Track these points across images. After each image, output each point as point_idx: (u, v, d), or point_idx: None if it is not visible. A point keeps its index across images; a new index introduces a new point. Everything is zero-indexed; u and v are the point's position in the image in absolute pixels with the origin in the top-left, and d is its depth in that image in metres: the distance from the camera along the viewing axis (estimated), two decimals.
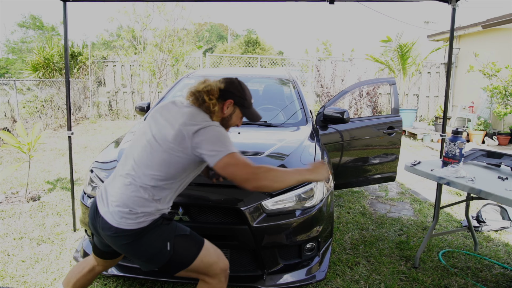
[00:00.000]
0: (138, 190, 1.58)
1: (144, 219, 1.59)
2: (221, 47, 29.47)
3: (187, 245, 1.68)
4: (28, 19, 22.21)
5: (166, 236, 1.64)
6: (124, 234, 1.58)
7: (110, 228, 1.59)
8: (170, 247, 1.63)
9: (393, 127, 3.77)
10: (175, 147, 1.57)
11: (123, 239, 1.60)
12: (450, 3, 3.14)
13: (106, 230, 1.61)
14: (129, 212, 1.57)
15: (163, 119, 1.67)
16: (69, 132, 3.25)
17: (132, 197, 1.58)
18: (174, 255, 1.64)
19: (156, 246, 1.62)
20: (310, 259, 2.32)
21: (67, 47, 3.16)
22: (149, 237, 1.61)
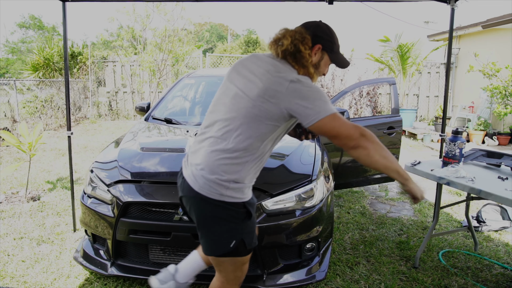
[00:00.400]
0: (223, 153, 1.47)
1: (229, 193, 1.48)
2: (221, 47, 29.48)
3: (243, 245, 1.56)
4: (28, 20, 22.21)
5: (236, 234, 1.53)
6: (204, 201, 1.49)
7: (190, 190, 1.51)
8: (233, 246, 1.52)
9: (393, 127, 3.77)
10: (263, 102, 1.43)
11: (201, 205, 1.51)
12: (449, 3, 3.14)
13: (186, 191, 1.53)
14: (214, 180, 1.46)
15: (248, 71, 1.52)
16: (68, 132, 3.25)
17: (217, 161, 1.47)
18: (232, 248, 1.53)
19: (222, 237, 1.52)
20: (310, 259, 2.33)
21: (66, 47, 3.16)
22: (222, 223, 1.51)
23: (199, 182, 1.49)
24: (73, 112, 10.45)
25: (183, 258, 2.23)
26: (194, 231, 2.12)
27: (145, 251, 2.28)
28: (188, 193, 1.52)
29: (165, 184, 2.27)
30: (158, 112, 3.55)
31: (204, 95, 4.07)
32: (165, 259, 2.27)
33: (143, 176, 2.33)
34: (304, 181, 2.28)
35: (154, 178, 2.32)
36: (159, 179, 2.31)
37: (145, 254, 2.28)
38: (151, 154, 2.52)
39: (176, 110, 3.77)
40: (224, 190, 1.48)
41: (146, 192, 2.25)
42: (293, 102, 1.40)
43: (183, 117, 3.58)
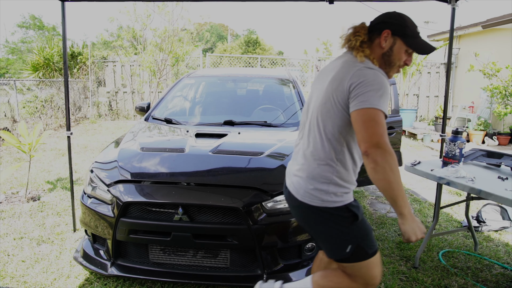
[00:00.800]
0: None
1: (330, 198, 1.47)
2: (221, 47, 29.48)
3: (362, 250, 1.51)
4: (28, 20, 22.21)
5: (349, 238, 1.49)
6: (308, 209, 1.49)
7: (294, 200, 1.52)
8: (350, 251, 1.48)
9: (393, 127, 3.77)
10: (338, 102, 1.43)
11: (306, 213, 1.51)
12: (450, 3, 3.14)
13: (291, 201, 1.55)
14: (314, 188, 1.47)
15: (330, 73, 1.53)
16: (68, 132, 3.25)
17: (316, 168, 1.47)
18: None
19: (335, 243, 1.50)
20: (310, 259, 2.32)
21: (65, 47, 3.16)
22: (331, 229, 1.49)
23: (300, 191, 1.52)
24: (73, 112, 10.45)
25: (183, 258, 2.24)
26: (194, 231, 2.13)
27: (145, 251, 2.28)
28: (292, 202, 1.55)
29: (165, 184, 2.27)
30: (158, 112, 3.55)
31: (204, 95, 4.08)
32: (165, 259, 2.27)
33: (143, 176, 2.33)
34: None
35: (154, 178, 2.32)
36: (159, 179, 2.31)
37: (145, 254, 2.28)
38: (151, 154, 2.52)
39: (176, 110, 3.77)
40: (325, 195, 1.47)
41: (146, 192, 2.25)
42: (351, 90, 1.41)
43: (183, 117, 3.58)
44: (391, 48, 1.50)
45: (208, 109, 3.76)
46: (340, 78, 1.44)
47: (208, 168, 2.36)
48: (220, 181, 2.27)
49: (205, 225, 2.13)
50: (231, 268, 2.23)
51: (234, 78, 4.17)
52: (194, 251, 2.23)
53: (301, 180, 1.51)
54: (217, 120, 3.25)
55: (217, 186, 2.24)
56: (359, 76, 1.39)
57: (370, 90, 1.36)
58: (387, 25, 1.49)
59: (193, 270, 2.23)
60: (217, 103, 3.89)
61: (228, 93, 4.07)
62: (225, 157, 2.46)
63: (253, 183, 2.23)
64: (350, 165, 1.51)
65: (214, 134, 2.85)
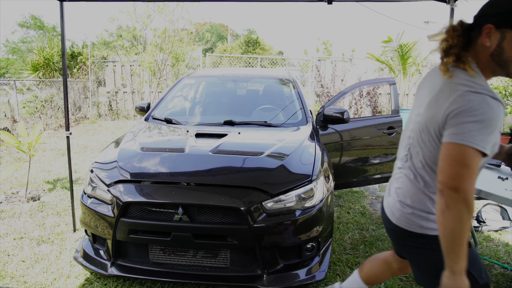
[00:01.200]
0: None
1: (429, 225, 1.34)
2: (221, 47, 29.47)
3: (472, 278, 1.30)
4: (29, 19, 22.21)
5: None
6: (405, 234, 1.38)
7: (389, 222, 1.44)
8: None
9: (393, 127, 3.77)
10: (435, 134, 1.25)
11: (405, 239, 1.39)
12: (449, 3, 3.14)
13: (385, 223, 1.46)
14: (412, 213, 1.35)
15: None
16: (67, 132, 3.25)
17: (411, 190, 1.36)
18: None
19: (434, 272, 1.32)
20: (310, 259, 2.32)
21: (64, 47, 3.16)
22: (432, 255, 1.34)
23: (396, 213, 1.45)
24: (73, 112, 10.45)
25: (183, 258, 2.24)
26: (194, 231, 2.13)
27: (145, 251, 2.28)
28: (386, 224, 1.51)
29: (165, 184, 2.27)
30: (158, 112, 3.55)
31: (204, 95, 4.08)
32: (165, 259, 2.27)
33: (143, 176, 2.33)
34: (304, 181, 2.28)
35: (154, 178, 2.32)
36: (159, 179, 2.31)
37: (145, 254, 2.28)
38: (151, 154, 2.52)
39: (176, 110, 3.77)
40: (424, 222, 1.35)
41: (146, 192, 2.25)
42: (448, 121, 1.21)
43: (183, 117, 3.58)
44: (499, 45, 1.19)
45: (208, 109, 3.77)
46: (438, 106, 1.22)
47: (208, 168, 2.36)
48: (220, 181, 2.27)
49: (205, 225, 2.13)
50: (231, 268, 2.23)
51: (234, 78, 4.17)
52: (194, 251, 2.24)
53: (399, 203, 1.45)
54: (217, 120, 3.25)
55: (217, 186, 2.25)
56: (460, 102, 1.14)
57: (470, 121, 1.12)
58: (486, 18, 1.21)
59: (193, 270, 2.23)
60: (217, 103, 3.89)
61: (228, 93, 4.08)
62: (225, 157, 2.46)
63: (253, 183, 2.23)
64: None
65: (214, 134, 2.85)
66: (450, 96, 1.17)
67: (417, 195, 1.35)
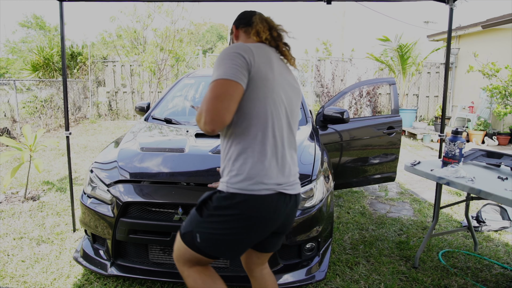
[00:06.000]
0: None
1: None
2: (221, 47, 29.47)
3: None
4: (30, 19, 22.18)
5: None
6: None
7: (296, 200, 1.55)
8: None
9: (393, 127, 3.77)
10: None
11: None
12: (448, 3, 3.14)
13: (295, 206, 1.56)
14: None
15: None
16: (67, 133, 3.25)
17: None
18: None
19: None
20: (310, 259, 2.32)
21: (63, 47, 3.17)
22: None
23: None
24: (73, 112, 10.45)
25: None
26: None
27: (145, 251, 2.28)
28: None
29: (165, 184, 2.27)
30: (158, 112, 3.55)
31: (204, 95, 4.07)
32: (165, 259, 2.27)
33: (143, 176, 2.33)
34: (303, 181, 2.28)
35: (154, 178, 2.32)
36: (159, 179, 2.31)
37: (145, 254, 2.28)
38: (151, 154, 2.52)
39: (176, 110, 3.77)
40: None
41: (146, 192, 2.25)
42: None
43: (183, 117, 3.58)
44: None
45: None
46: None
47: (208, 168, 2.36)
48: None
49: None
50: (231, 268, 2.23)
51: None
52: None
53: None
54: None
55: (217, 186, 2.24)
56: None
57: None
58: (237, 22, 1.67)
59: None
60: None
61: None
62: None
63: None
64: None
65: None
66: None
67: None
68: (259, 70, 1.39)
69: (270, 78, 1.43)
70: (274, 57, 1.52)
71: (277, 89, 1.45)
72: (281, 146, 1.46)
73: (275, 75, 1.45)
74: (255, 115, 1.40)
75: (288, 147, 1.51)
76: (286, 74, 1.55)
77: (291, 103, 1.53)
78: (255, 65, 1.38)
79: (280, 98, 1.47)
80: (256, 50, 1.43)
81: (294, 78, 1.60)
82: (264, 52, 1.47)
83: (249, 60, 1.37)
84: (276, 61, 1.51)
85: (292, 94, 1.54)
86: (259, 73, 1.39)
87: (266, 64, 1.43)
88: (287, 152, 1.50)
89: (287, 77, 1.55)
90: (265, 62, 1.43)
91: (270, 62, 1.45)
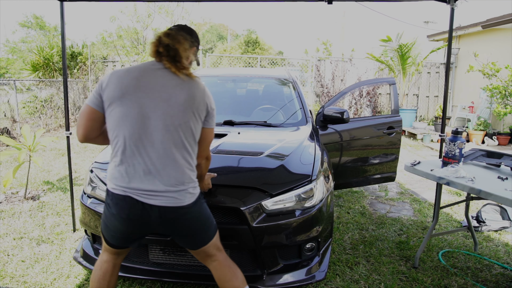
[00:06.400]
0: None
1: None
2: (221, 47, 29.45)
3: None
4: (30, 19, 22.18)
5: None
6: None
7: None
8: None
9: (393, 127, 3.77)
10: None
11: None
12: (449, 3, 3.14)
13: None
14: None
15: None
16: (67, 133, 3.26)
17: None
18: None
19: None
20: (310, 259, 2.32)
21: (64, 47, 3.17)
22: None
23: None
24: (73, 112, 10.45)
25: (183, 258, 2.24)
26: None
27: (144, 251, 2.28)
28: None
29: None
30: None
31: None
32: (165, 259, 2.27)
33: None
34: (304, 181, 2.28)
35: None
36: None
37: (145, 254, 2.28)
38: None
39: None
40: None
41: None
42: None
43: None
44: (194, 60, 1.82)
45: None
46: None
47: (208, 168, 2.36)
48: (220, 181, 2.27)
49: None
50: None
51: (234, 78, 4.17)
52: None
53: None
54: (217, 120, 3.24)
55: (217, 186, 2.24)
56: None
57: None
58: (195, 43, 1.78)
59: (193, 270, 2.22)
60: (217, 103, 3.84)
61: (228, 93, 4.07)
62: (225, 157, 2.46)
63: (253, 183, 2.23)
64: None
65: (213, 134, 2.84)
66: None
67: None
68: (109, 91, 1.62)
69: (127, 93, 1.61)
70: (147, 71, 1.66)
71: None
72: (137, 154, 1.61)
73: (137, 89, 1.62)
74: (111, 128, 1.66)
75: (151, 156, 1.62)
76: (156, 85, 1.64)
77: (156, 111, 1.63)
78: (105, 89, 1.63)
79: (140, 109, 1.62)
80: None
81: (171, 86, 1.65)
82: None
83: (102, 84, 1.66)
84: (147, 74, 1.64)
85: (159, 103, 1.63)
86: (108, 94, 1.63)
87: (124, 82, 1.63)
88: (147, 161, 1.61)
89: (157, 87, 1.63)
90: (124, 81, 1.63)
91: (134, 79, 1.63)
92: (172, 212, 1.63)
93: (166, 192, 1.61)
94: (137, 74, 1.63)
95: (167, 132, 1.60)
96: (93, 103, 1.63)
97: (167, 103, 1.60)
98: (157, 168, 1.60)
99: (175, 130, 1.61)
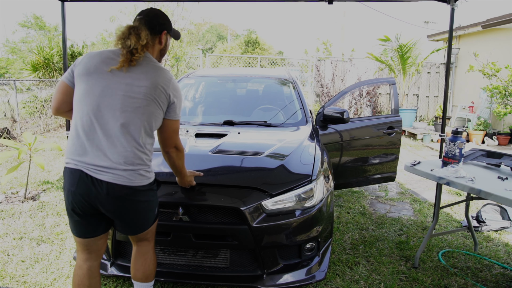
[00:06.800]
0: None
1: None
2: (221, 47, 29.45)
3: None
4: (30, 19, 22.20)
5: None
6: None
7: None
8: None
9: (393, 127, 3.77)
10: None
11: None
12: (449, 3, 3.14)
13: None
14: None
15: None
16: (67, 132, 3.26)
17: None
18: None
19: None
20: (310, 259, 2.32)
21: (65, 47, 3.17)
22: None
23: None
24: None
25: (183, 258, 2.24)
26: (194, 231, 2.13)
27: None
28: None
29: (165, 184, 2.27)
30: None
31: (204, 95, 4.07)
32: (165, 259, 2.27)
33: None
34: (304, 181, 2.28)
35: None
36: (159, 179, 2.30)
37: None
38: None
39: None
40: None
41: None
42: None
43: (183, 117, 3.58)
44: (166, 43, 1.90)
45: (208, 109, 3.76)
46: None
47: (208, 168, 2.36)
48: (220, 181, 2.27)
49: (205, 225, 2.13)
50: (231, 268, 2.23)
51: (234, 78, 4.17)
52: (194, 251, 2.23)
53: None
54: (217, 120, 3.25)
55: (217, 186, 2.24)
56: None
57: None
58: (164, 26, 1.86)
59: (193, 270, 2.22)
60: (217, 103, 3.89)
61: (228, 93, 4.07)
62: (225, 157, 2.46)
63: (253, 183, 2.23)
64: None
65: (214, 134, 2.85)
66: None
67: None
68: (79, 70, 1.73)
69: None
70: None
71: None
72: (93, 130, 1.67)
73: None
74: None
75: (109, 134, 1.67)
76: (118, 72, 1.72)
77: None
78: (77, 66, 1.75)
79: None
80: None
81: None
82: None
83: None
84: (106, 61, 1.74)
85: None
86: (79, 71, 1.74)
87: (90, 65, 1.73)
88: (101, 137, 1.66)
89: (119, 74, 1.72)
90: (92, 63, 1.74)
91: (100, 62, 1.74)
92: (120, 190, 1.67)
93: (115, 170, 1.65)
94: (107, 57, 1.75)
95: (124, 112, 1.66)
96: (66, 78, 1.76)
97: (129, 86, 1.69)
98: (108, 145, 1.65)
99: (133, 111, 1.68)
